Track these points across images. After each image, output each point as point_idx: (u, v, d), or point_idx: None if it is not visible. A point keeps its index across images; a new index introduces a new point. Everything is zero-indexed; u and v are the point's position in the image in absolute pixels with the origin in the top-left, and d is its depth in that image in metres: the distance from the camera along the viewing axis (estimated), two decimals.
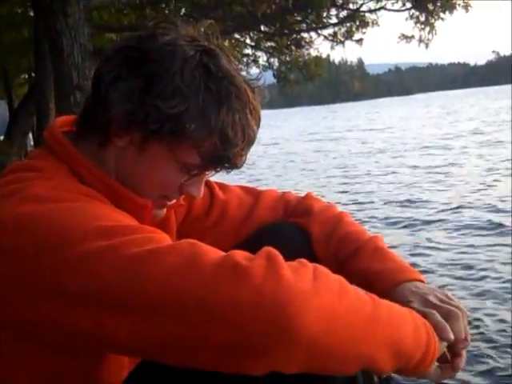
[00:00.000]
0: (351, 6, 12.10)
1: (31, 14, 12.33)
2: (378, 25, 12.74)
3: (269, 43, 14.69)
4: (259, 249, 0.88)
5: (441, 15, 11.65)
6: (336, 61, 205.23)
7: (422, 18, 11.87)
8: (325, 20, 12.42)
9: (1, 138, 16.89)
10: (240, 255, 0.85)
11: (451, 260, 3.99)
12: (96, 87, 1.05)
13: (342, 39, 13.29)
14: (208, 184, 1.34)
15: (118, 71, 1.01)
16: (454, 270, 3.72)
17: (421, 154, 11.80)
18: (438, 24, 11.91)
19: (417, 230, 5.08)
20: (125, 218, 0.96)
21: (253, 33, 14.00)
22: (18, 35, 13.71)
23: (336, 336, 0.83)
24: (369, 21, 12.71)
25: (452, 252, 4.21)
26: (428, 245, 4.48)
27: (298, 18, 12.29)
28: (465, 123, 19.92)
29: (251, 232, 1.33)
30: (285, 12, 11.09)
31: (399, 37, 13.02)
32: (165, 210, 1.15)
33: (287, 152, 16.50)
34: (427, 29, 12.02)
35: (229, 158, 1.05)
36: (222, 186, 1.40)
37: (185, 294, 0.81)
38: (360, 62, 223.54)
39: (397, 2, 11.70)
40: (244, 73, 1.08)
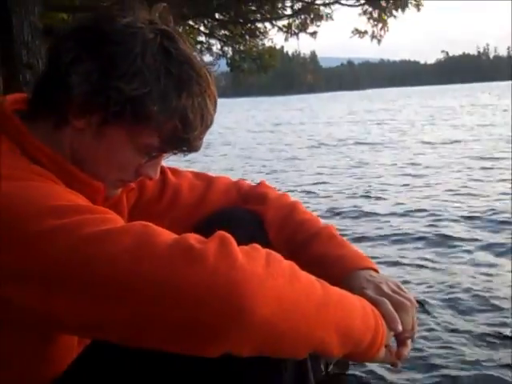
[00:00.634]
0: None
1: None
2: (332, 19, 12.90)
3: (223, 31, 14.64)
4: (212, 233, 0.89)
5: (393, 12, 11.88)
6: (289, 53, 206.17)
7: (375, 15, 12.07)
8: (279, 11, 12.48)
9: None
10: (193, 238, 0.86)
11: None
12: (53, 67, 1.03)
13: (296, 31, 13.38)
14: (160, 169, 1.34)
15: (77, 52, 1.00)
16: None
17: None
18: (391, 21, 12.16)
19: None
20: (78, 199, 0.95)
21: (207, 20, 13.92)
22: None
23: (287, 319, 0.85)
24: (323, 14, 12.84)
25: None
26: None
27: (253, 8, 12.30)
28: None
29: (204, 216, 1.33)
30: (240, 0, 11.07)
31: (352, 31, 13.22)
32: (119, 190, 1.15)
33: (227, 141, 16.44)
34: (379, 25, 12.23)
35: (189, 141, 1.07)
36: (174, 171, 1.40)
37: (137, 275, 0.81)
38: (313, 55, 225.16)
39: None
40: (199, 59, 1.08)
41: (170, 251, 0.83)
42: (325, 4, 12.33)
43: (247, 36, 14.35)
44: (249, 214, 1.33)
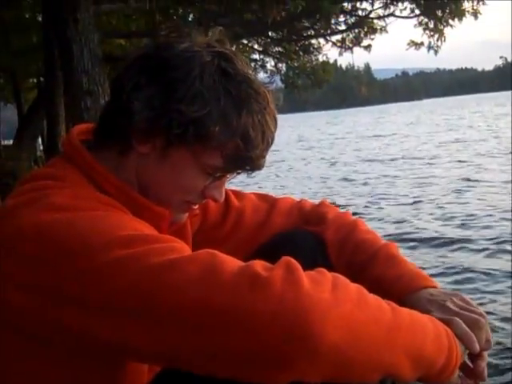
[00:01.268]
0: (360, 13, 12.12)
1: (39, 20, 12.39)
2: (387, 31, 12.76)
3: (277, 48, 14.74)
4: (275, 257, 0.89)
5: (450, 22, 11.64)
6: (343, 66, 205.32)
7: (431, 25, 11.86)
8: (333, 26, 12.45)
9: (10, 143, 16.95)
10: (259, 265, 0.86)
11: None
12: (116, 96, 1.06)
13: (351, 45, 13.32)
14: None
15: (138, 79, 1.02)
16: None
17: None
18: (447, 30, 11.90)
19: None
20: (144, 227, 0.96)
21: (261, 38, 14.04)
22: (27, 39, 13.77)
23: (357, 344, 0.84)
24: (377, 27, 12.73)
25: None
26: None
27: (307, 25, 12.31)
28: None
29: (267, 239, 1.33)
30: (293, 18, 11.10)
31: (408, 43, 13.02)
32: (186, 215, 1.16)
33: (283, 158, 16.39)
34: (436, 35, 12.00)
35: (251, 160, 1.07)
36: (237, 194, 1.40)
37: (205, 304, 0.81)
38: (367, 67, 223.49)
39: (405, 9, 11.72)
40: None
41: (237, 279, 0.83)
42: (379, 17, 12.23)
43: (301, 52, 14.40)
44: (310, 236, 1.32)
